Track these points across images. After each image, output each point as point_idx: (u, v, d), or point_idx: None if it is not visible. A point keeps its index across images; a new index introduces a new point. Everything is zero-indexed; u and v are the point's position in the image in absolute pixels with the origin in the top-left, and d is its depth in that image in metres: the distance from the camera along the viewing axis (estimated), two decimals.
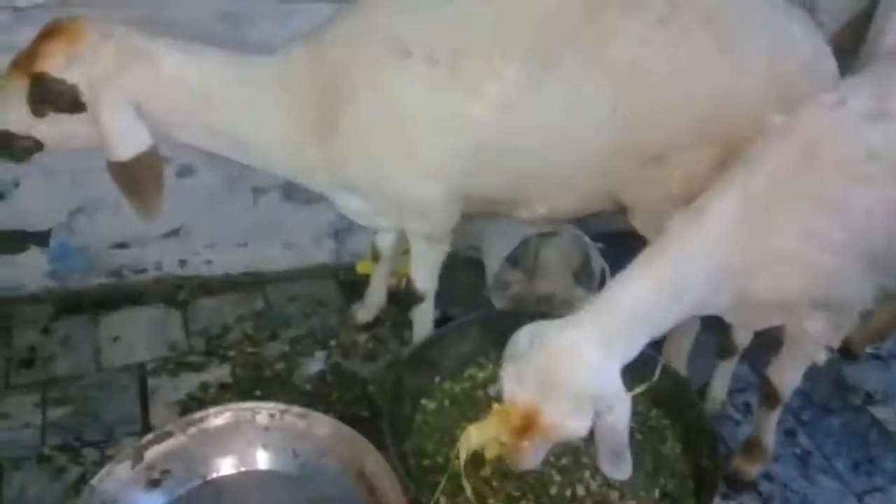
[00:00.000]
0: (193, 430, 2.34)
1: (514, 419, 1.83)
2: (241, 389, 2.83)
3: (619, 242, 2.53)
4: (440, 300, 2.81)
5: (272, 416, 2.39)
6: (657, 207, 2.27)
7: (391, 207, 2.44)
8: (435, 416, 2.51)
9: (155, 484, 2.28)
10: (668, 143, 2.23)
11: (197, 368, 2.93)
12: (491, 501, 2.23)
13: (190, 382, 2.87)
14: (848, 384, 3.09)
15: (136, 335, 3.04)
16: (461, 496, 2.17)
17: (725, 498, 2.61)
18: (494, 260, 3.07)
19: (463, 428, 2.32)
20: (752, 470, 2.62)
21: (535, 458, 1.94)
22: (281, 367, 2.95)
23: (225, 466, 2.38)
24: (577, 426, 1.83)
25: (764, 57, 2.18)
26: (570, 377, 1.79)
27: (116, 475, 2.22)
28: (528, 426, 1.82)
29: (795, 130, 1.91)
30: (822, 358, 2.29)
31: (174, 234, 3.16)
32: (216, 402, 2.66)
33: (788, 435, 2.85)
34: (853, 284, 1.99)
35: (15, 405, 2.73)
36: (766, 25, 2.21)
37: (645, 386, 2.01)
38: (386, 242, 2.93)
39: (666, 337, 2.51)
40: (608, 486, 2.29)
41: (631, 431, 1.91)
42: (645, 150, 2.25)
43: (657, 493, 2.32)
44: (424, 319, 2.80)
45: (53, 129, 2.07)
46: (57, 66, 1.99)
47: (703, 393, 2.82)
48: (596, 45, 2.11)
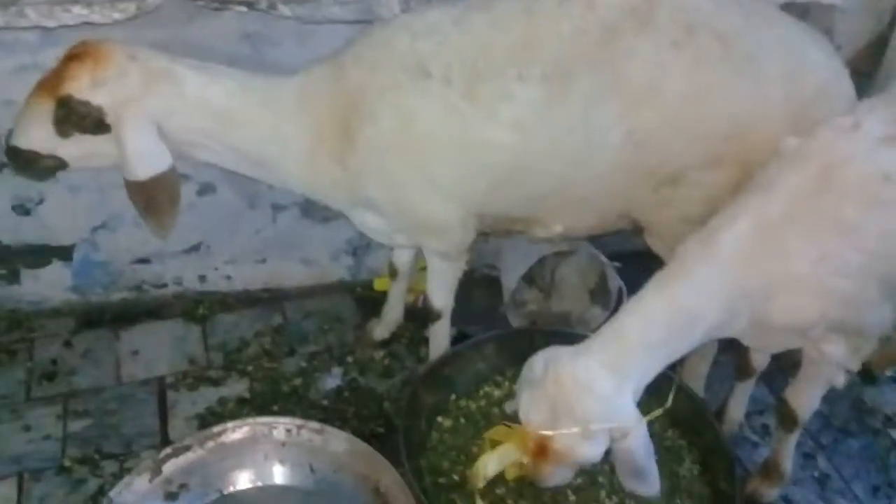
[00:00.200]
0: (211, 444, 2.36)
1: (529, 444, 1.86)
2: (258, 404, 2.85)
3: (636, 262, 2.53)
4: (457, 318, 2.82)
5: (289, 431, 2.40)
6: (673, 228, 2.28)
7: (408, 225, 2.46)
8: (450, 433, 2.51)
9: (172, 497, 2.30)
10: (683, 165, 2.23)
11: (215, 383, 2.95)
12: None
13: (208, 397, 2.89)
14: (867, 407, 3.05)
15: (155, 349, 3.07)
16: None
17: None
18: (511, 278, 3.07)
19: (478, 445, 2.35)
20: (770, 493, 2.60)
21: (557, 477, 1.95)
22: (298, 382, 2.96)
23: (242, 481, 2.39)
24: (587, 453, 1.85)
25: (780, 80, 2.17)
26: (579, 406, 1.81)
27: (135, 488, 2.24)
28: (541, 451, 1.84)
29: (810, 153, 1.90)
30: (840, 381, 2.27)
31: (194, 250, 3.19)
32: (234, 416, 2.67)
33: (807, 458, 2.82)
34: (870, 308, 1.97)
35: (36, 417, 2.77)
36: (782, 49, 2.20)
37: (660, 411, 2.02)
38: (403, 259, 2.94)
39: (683, 358, 2.50)
40: None
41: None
42: (660, 171, 2.25)
43: None
44: (441, 336, 2.81)
45: (77, 148, 2.11)
46: (82, 88, 2.02)
47: (720, 414, 2.80)
48: (611, 68, 2.12)
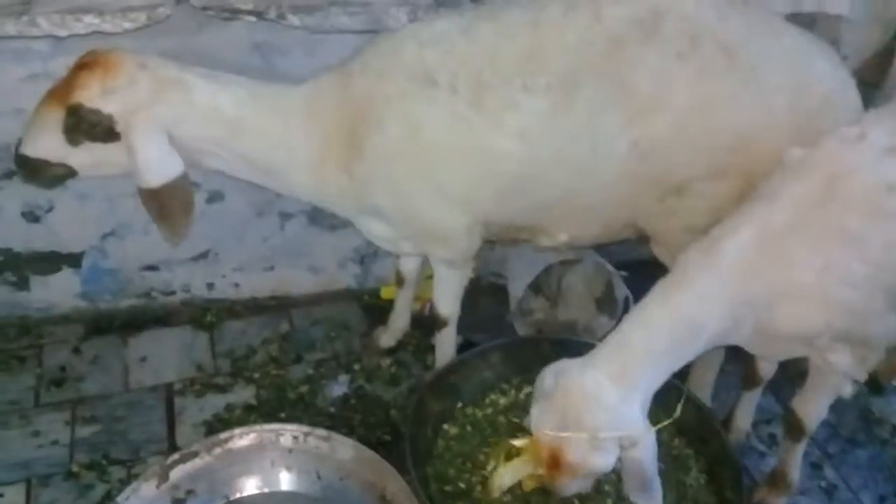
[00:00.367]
0: (218, 450, 2.37)
1: (543, 455, 1.87)
2: (265, 411, 2.85)
3: (642, 271, 2.52)
4: (463, 326, 2.82)
5: (296, 438, 2.41)
6: (678, 238, 2.27)
7: (414, 233, 2.47)
8: (456, 441, 2.52)
9: (180, 503, 2.30)
10: (687, 175, 2.23)
11: (223, 390, 2.96)
12: None
13: (215, 403, 2.90)
14: (875, 417, 3.04)
15: (163, 356, 3.08)
16: None
17: None
18: (518, 287, 3.08)
19: (485, 453, 2.35)
20: (777, 502, 2.58)
21: (574, 487, 1.96)
22: (305, 389, 2.97)
23: (248, 487, 2.40)
24: (599, 462, 1.85)
25: (786, 91, 2.17)
26: (587, 418, 1.82)
27: (142, 493, 2.25)
28: (555, 463, 1.85)
29: (815, 164, 1.90)
30: (847, 391, 2.26)
31: (203, 257, 3.21)
32: (241, 423, 2.69)
33: (814, 468, 2.81)
34: (876, 319, 1.96)
35: (45, 422, 2.78)
36: (788, 59, 2.20)
37: (669, 420, 2.03)
38: (409, 267, 2.95)
39: (690, 366, 2.50)
40: None
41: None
42: (665, 182, 2.25)
43: None
44: (447, 344, 2.82)
45: (87, 156, 2.12)
46: (93, 97, 2.04)
47: (727, 423, 2.79)
48: (616, 78, 2.13)
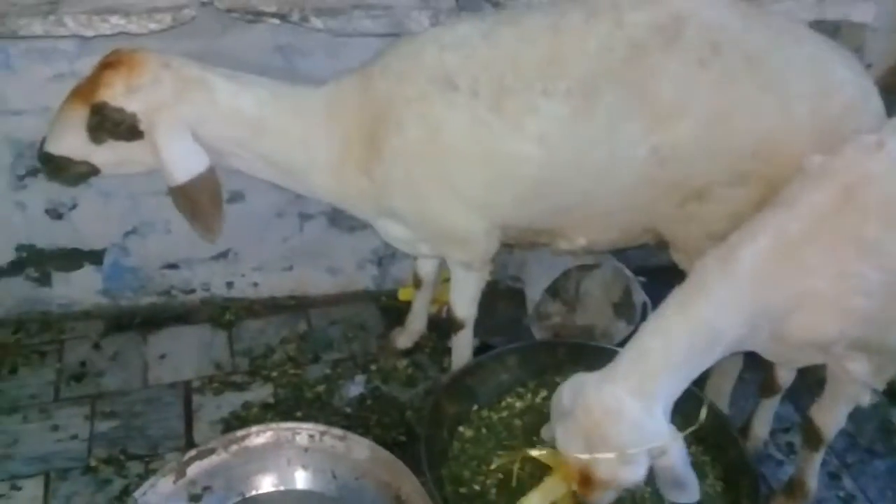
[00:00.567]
0: (235, 447, 2.39)
1: (573, 475, 1.87)
2: (282, 410, 2.87)
3: (661, 277, 2.53)
4: (480, 329, 2.83)
5: (312, 437, 2.43)
6: (698, 244, 2.26)
7: (432, 235, 2.48)
8: (472, 443, 2.52)
9: (196, 499, 2.33)
10: (708, 181, 2.22)
11: (240, 388, 2.98)
12: None
13: (233, 401, 2.91)
14: (894, 427, 3.00)
15: (182, 353, 3.11)
16: None
17: None
18: (535, 291, 3.07)
19: (500, 456, 2.34)
20: None
21: (607, 498, 1.94)
22: (322, 389, 2.98)
23: (264, 485, 2.42)
24: (630, 476, 1.84)
25: (807, 98, 2.16)
26: (612, 436, 1.81)
27: (159, 489, 2.27)
28: (586, 482, 1.85)
29: (834, 171, 1.89)
30: (866, 400, 2.24)
31: (222, 256, 3.23)
32: (258, 421, 2.70)
33: (832, 477, 2.78)
34: (892, 327, 1.95)
35: (64, 417, 2.81)
36: (810, 67, 2.18)
37: (696, 426, 2.00)
38: (427, 269, 2.96)
39: (708, 374, 2.49)
40: None
41: None
42: (684, 187, 2.25)
43: None
44: (464, 347, 2.81)
45: (110, 155, 2.15)
46: (117, 95, 2.06)
47: (745, 431, 2.77)
48: (637, 84, 2.12)
